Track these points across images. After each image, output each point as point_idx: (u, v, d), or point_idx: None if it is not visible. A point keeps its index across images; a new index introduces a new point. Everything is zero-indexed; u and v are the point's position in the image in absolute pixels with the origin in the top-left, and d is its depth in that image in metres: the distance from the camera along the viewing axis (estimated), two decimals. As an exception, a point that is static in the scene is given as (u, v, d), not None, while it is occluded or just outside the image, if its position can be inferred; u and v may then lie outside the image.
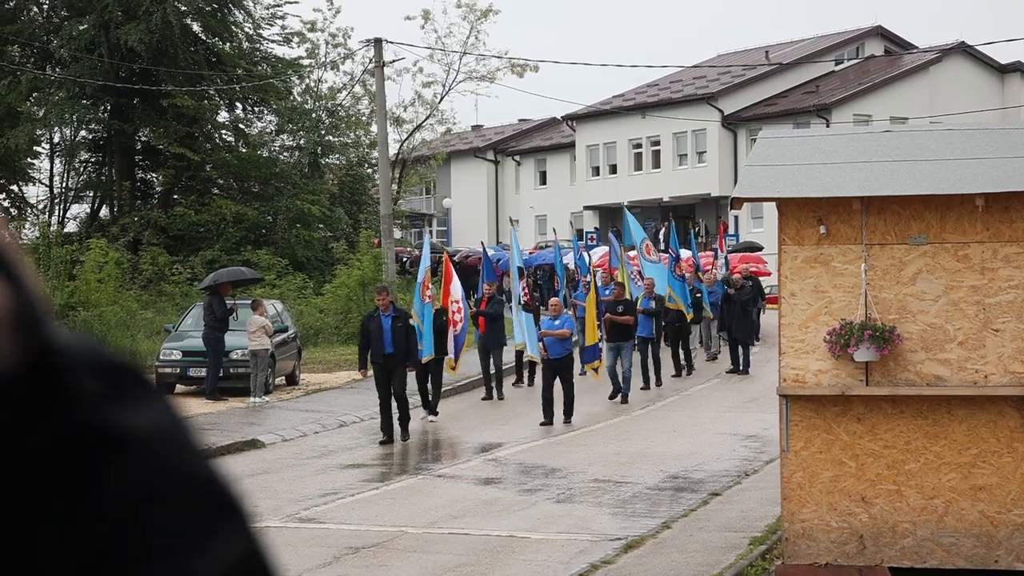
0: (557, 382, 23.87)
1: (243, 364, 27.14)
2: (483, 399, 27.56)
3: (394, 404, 21.98)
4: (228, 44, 51.78)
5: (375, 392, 26.95)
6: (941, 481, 10.97)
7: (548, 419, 23.64)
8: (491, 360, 27.72)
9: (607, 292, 29.20)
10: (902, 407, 11.03)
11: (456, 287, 27.00)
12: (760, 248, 47.63)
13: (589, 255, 39.78)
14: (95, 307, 37.31)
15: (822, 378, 11.12)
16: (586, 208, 68.63)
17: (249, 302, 28.51)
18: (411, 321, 23.17)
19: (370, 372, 22.52)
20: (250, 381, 26.59)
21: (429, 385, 24.64)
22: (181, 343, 27.98)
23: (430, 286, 25.55)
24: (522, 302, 27.16)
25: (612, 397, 26.88)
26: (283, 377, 29.26)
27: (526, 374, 29.62)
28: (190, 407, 25.20)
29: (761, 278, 39.91)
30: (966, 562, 10.93)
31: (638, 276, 33.00)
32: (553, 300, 26.54)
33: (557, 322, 25.02)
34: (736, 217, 59.85)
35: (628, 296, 29.23)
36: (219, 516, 1.05)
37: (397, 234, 53.64)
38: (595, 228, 64.39)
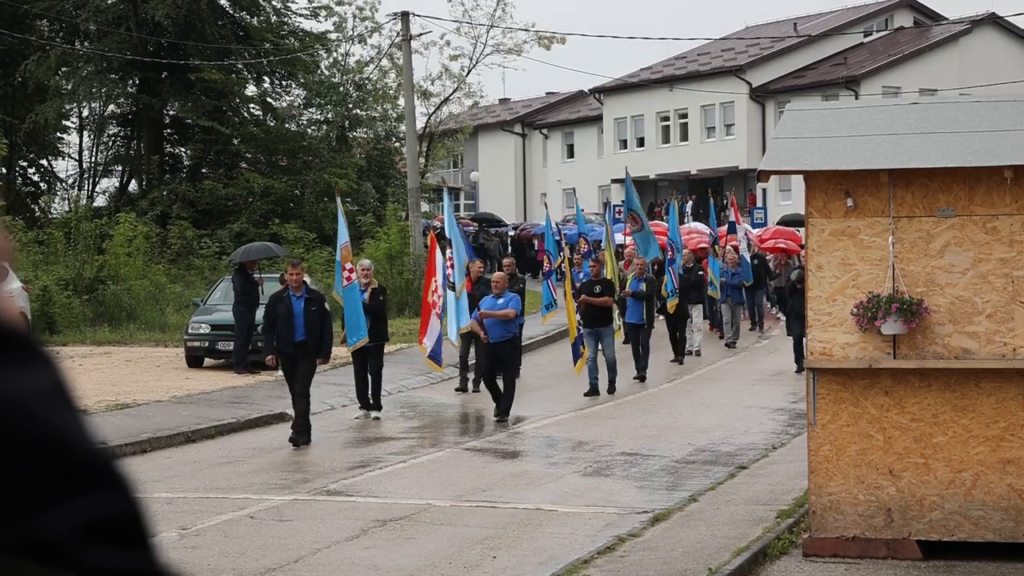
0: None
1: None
2: (457, 389, 24.67)
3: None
4: (255, 18, 51.83)
5: (404, 365, 27.06)
6: (969, 454, 10.95)
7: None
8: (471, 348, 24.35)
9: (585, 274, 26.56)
10: (930, 380, 11.00)
11: (440, 269, 22.40)
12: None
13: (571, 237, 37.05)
14: (124, 281, 37.51)
15: (849, 351, 11.09)
16: (614, 181, 68.36)
17: (277, 276, 28.56)
18: (327, 305, 19.65)
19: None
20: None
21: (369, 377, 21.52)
22: (210, 316, 28.04)
23: (351, 262, 21.39)
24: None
25: (588, 394, 23.76)
26: (311, 350, 29.29)
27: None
28: (219, 381, 25.31)
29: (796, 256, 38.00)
30: (994, 535, 10.91)
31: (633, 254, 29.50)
32: (496, 275, 22.80)
33: (500, 301, 21.53)
34: (764, 190, 59.67)
35: (613, 276, 26.26)
36: (82, 476, 1.07)
37: (424, 207, 53.68)
38: (622, 201, 64.26)
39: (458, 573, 11.07)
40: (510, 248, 58.98)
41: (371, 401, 21.65)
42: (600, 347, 24.20)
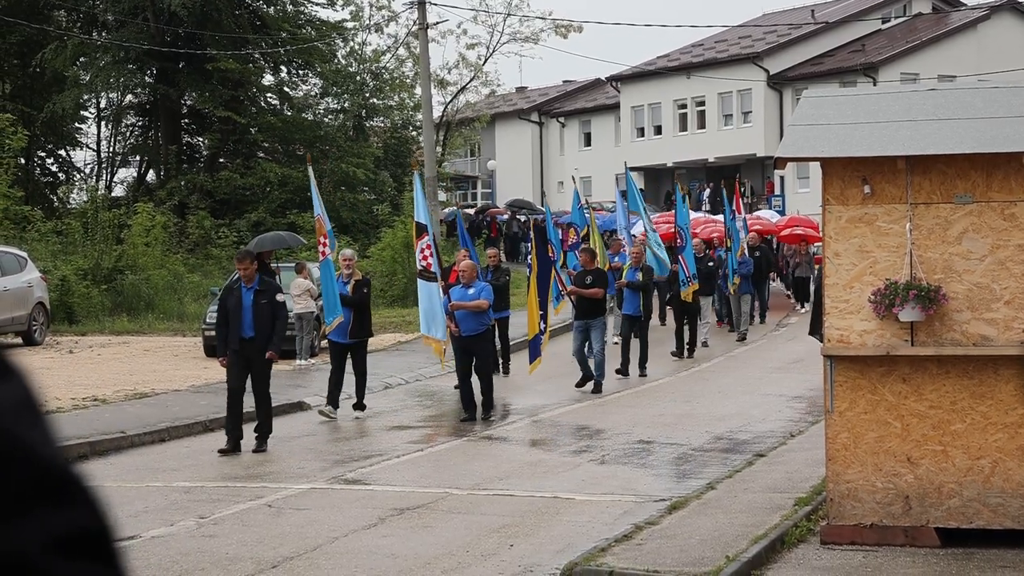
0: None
1: (288, 327, 27.19)
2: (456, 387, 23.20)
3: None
4: (272, 7, 51.88)
5: (421, 354, 27.06)
6: (987, 441, 10.91)
7: (470, 413, 19.94)
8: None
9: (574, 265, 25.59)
10: (948, 367, 10.96)
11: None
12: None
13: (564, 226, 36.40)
14: (143, 270, 37.62)
15: (867, 338, 11.06)
16: (631, 170, 68.36)
17: (293, 265, 28.59)
18: (281, 297, 17.74)
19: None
20: (295, 344, 26.67)
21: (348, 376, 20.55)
22: (227, 306, 28.03)
23: (325, 237, 20.21)
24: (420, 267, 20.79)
25: (579, 385, 22.94)
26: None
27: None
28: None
29: (816, 245, 36.40)
30: (1013, 522, 10.88)
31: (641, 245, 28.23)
32: (464, 263, 20.94)
33: (471, 291, 20.00)
34: (782, 177, 59.53)
35: (604, 265, 25.35)
36: (52, 491, 1.06)
37: (441, 196, 53.70)
38: (640, 190, 64.05)
39: (475, 561, 11.08)
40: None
41: (355, 399, 20.72)
42: (590, 340, 23.01)
